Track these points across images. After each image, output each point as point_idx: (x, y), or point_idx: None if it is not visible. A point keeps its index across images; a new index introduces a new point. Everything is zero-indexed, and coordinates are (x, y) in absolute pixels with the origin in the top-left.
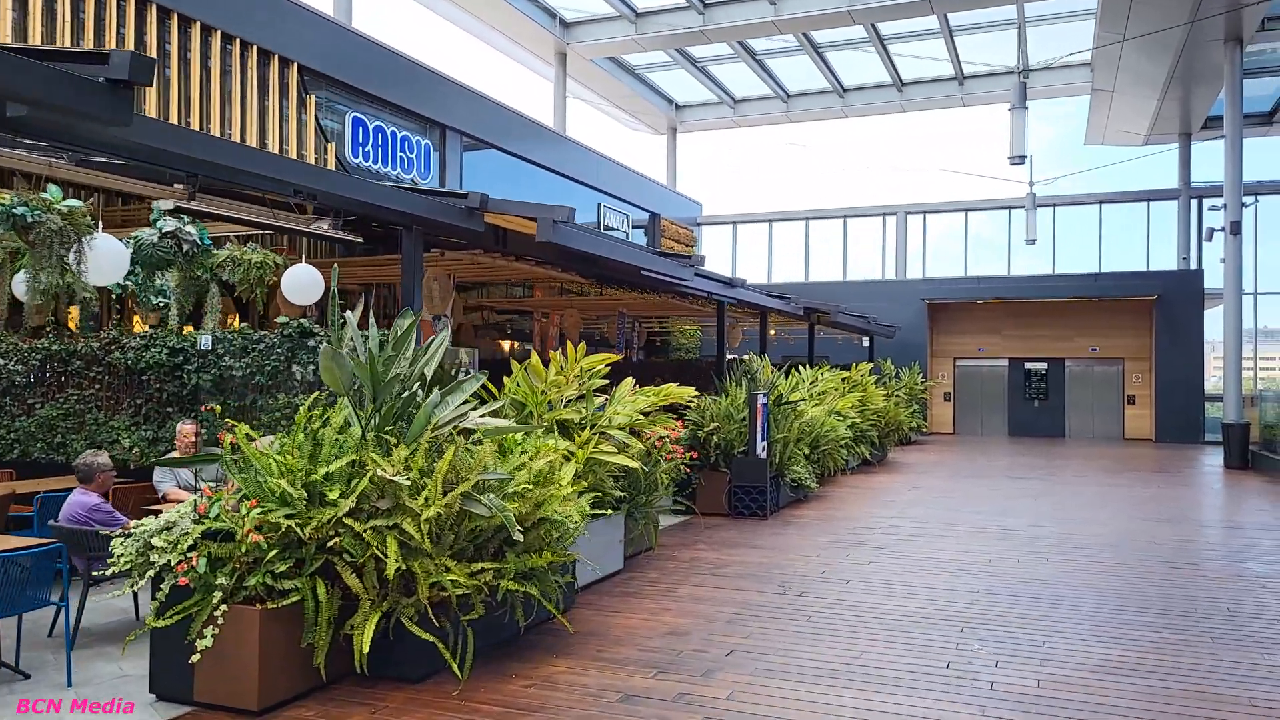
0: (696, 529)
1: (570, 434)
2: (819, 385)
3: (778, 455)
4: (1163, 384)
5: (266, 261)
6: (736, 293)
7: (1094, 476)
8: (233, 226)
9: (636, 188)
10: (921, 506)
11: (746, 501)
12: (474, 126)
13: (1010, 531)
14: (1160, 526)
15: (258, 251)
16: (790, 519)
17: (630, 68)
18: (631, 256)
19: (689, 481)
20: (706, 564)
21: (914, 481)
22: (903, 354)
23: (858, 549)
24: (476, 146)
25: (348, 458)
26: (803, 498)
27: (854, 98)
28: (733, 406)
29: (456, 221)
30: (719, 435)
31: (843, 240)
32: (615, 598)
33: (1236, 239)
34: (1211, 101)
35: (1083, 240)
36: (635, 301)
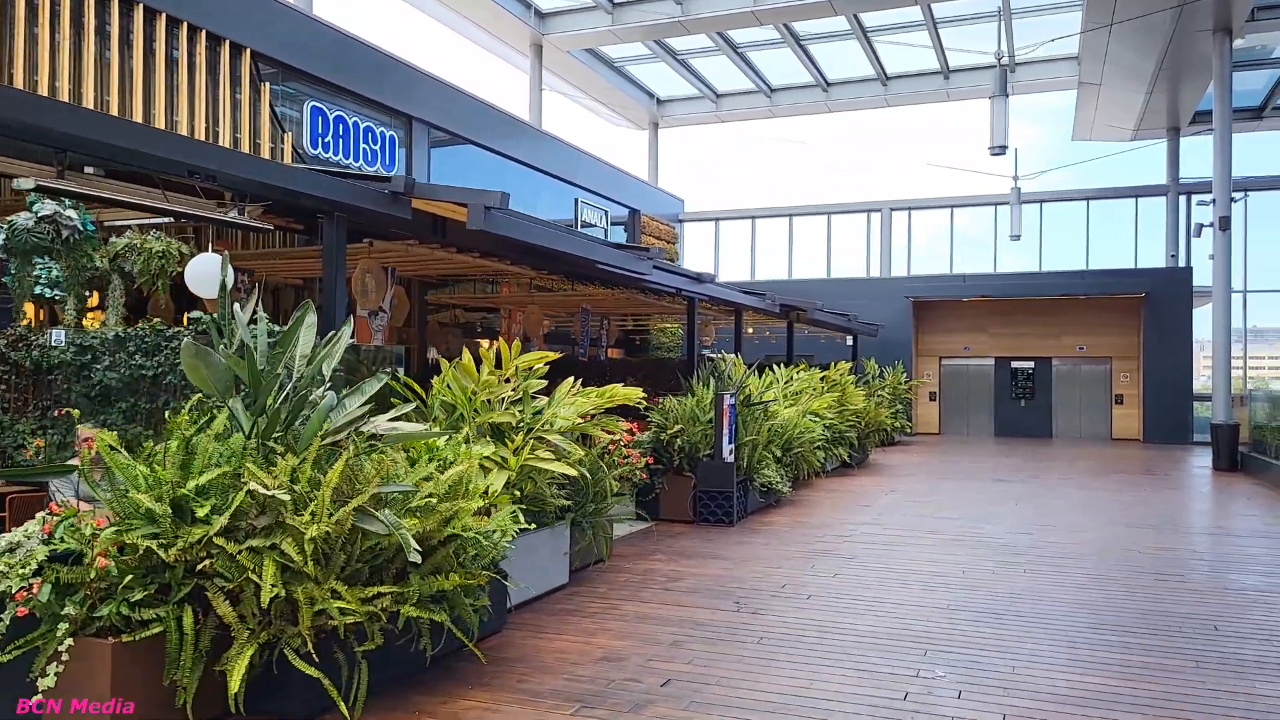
0: (657, 537)
1: (506, 439)
2: (794, 385)
3: (746, 458)
4: (1151, 383)
5: (170, 251)
6: (706, 289)
7: (1079, 479)
8: (126, 212)
9: (616, 183)
10: (898, 512)
11: (712, 508)
12: (443, 119)
13: (988, 539)
14: (1145, 533)
15: (160, 240)
16: (758, 526)
17: (609, 60)
18: (581, 248)
19: (651, 487)
20: (660, 577)
21: (893, 484)
22: (888, 353)
23: (824, 559)
24: (453, 143)
25: (221, 469)
26: (774, 502)
27: (838, 92)
28: (698, 408)
29: (381, 208)
30: (683, 438)
31: (826, 237)
32: (554, 616)
33: (1225, 235)
34: (1200, 95)
35: (1070, 237)
36: (604, 298)
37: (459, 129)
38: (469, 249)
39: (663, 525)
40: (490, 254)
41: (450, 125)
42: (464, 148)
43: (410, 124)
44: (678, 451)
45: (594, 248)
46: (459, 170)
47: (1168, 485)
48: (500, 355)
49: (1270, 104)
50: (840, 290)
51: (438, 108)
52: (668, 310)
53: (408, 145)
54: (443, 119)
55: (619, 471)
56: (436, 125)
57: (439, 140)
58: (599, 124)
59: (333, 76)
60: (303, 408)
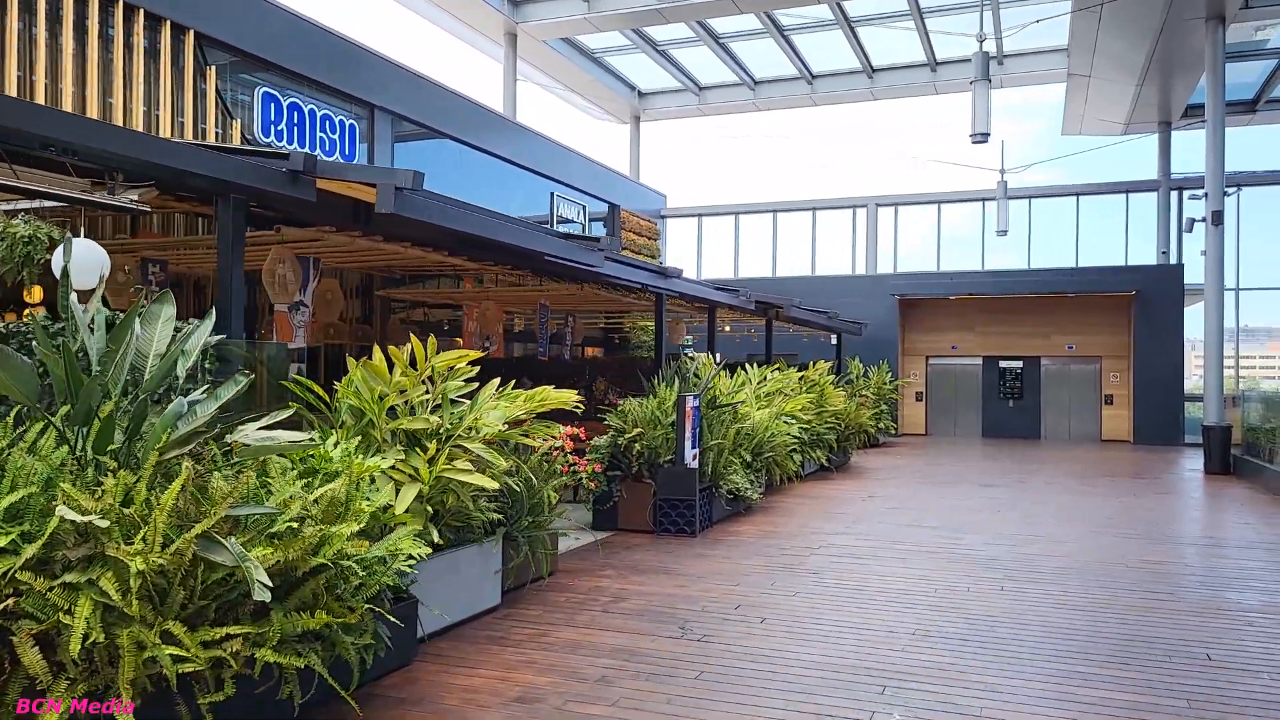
0: (611, 550)
1: (419, 448)
2: (767, 385)
3: (711, 464)
4: (1141, 383)
5: (37, 236)
6: (672, 284)
7: (1066, 483)
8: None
9: (594, 178)
10: (873, 520)
11: (673, 517)
12: (409, 108)
13: (966, 551)
14: (1133, 544)
15: (28, 224)
16: (722, 536)
17: (588, 51)
18: (521, 238)
19: (609, 495)
20: (605, 596)
21: (872, 489)
22: (874, 352)
23: (787, 575)
24: (428, 136)
25: (28, 489)
26: (743, 510)
27: (822, 84)
28: (660, 410)
29: (280, 189)
30: (642, 442)
31: (811, 233)
32: (476, 645)
33: (1218, 230)
34: (1192, 88)
35: (1059, 234)
36: (566, 294)
37: (427, 119)
38: (398, 238)
39: (620, 536)
40: (423, 244)
41: (417, 115)
42: (435, 141)
43: (373, 113)
44: (636, 457)
45: (536, 237)
46: (428, 163)
47: (1158, 490)
48: (414, 354)
49: (1264, 97)
50: (825, 288)
51: (403, 97)
52: (637, 307)
53: (370, 135)
54: (408, 109)
55: (559, 481)
56: (401, 115)
57: (413, 133)
58: (579, 118)
59: (287, 61)
60: (145, 415)
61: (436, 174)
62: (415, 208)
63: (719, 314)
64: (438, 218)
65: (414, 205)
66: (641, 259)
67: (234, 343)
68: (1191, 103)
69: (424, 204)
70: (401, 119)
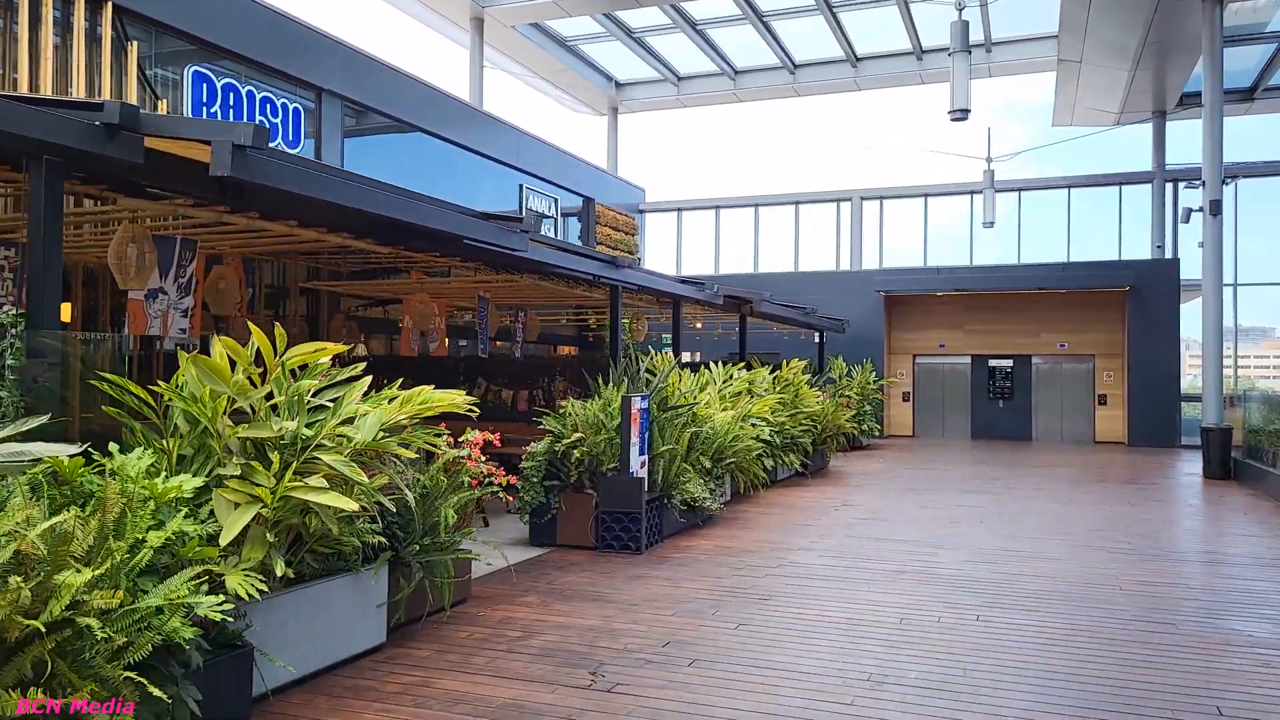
0: (543, 570)
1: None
2: (733, 385)
3: (663, 471)
4: (1136, 383)
5: None
6: (625, 274)
7: (1056, 490)
8: None
9: (568, 170)
10: (842, 533)
11: (616, 531)
12: (361, 93)
13: (941, 571)
14: (1128, 562)
15: None
16: (672, 553)
17: (561, 39)
18: (421, 215)
19: (547, 506)
20: (514, 631)
21: (847, 496)
22: (859, 351)
23: (734, 601)
24: (398, 129)
25: None
26: (700, 522)
27: (805, 74)
28: (604, 412)
29: (96, 147)
30: (583, 448)
31: (794, 228)
32: (333, 700)
33: (1216, 220)
34: (1188, 74)
35: (1050, 228)
36: (508, 287)
37: (382, 105)
38: (277, 214)
39: (558, 553)
40: (314, 224)
41: (371, 101)
42: (404, 133)
43: (320, 97)
44: (575, 465)
45: (437, 214)
46: (386, 152)
47: (1154, 497)
48: (260, 350)
49: (1262, 84)
50: (808, 284)
51: (354, 81)
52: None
53: (317, 120)
54: (362, 94)
55: (464, 496)
56: (353, 100)
57: (381, 125)
58: (556, 110)
59: (222, 39)
60: None
61: (390, 162)
62: (264, 172)
63: (689, 310)
64: (295, 184)
65: (261, 169)
66: (619, 254)
67: (46, 334)
68: (1187, 90)
69: (276, 168)
70: (353, 105)
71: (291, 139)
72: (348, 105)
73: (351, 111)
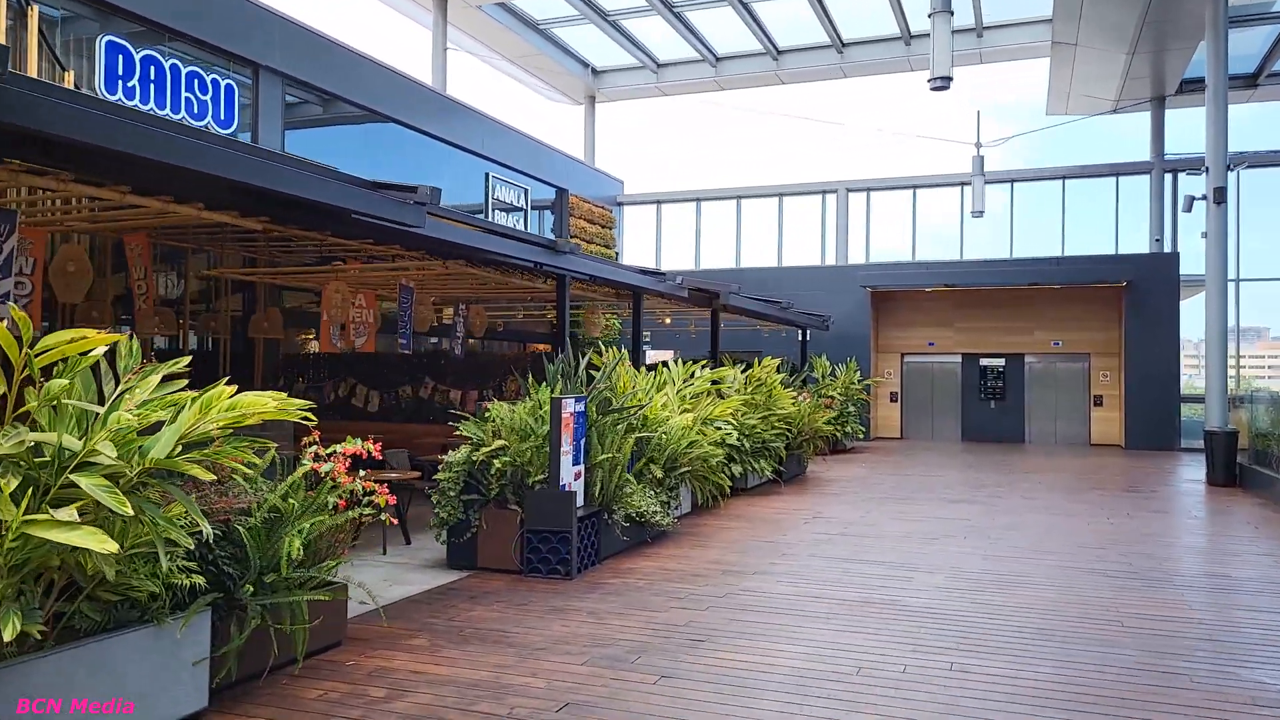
0: (449, 600)
1: None
2: (694, 384)
3: (600, 484)
4: (1133, 383)
5: None
6: (569, 261)
7: (1049, 499)
8: None
9: (541, 160)
10: (808, 552)
11: (544, 553)
12: (306, 70)
13: (912, 602)
14: (1126, 589)
15: None
16: (608, 578)
17: (533, 21)
18: (273, 178)
19: (466, 524)
20: (378, 688)
21: (820, 507)
22: (845, 349)
23: (662, 645)
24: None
25: None
26: (649, 539)
27: (789, 60)
28: (533, 416)
29: None
30: (505, 458)
31: (778, 221)
32: None
33: (1220, 209)
34: (1188, 59)
35: (1043, 221)
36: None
37: (329, 85)
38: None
39: (476, 578)
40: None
41: (316, 79)
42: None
43: (258, 74)
44: (496, 476)
45: (305, 181)
46: (339, 138)
47: (1155, 507)
48: (3, 345)
49: (1266, 70)
50: (792, 280)
51: (297, 57)
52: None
53: (254, 99)
54: (306, 72)
55: (319, 523)
56: (295, 78)
57: (347, 115)
58: (531, 99)
59: (141, 8)
60: None
61: (341, 149)
62: (43, 116)
63: (656, 305)
64: (94, 134)
65: (33, 112)
66: (595, 249)
67: None
68: (1187, 76)
69: (65, 112)
70: (296, 83)
71: (223, 119)
72: (290, 84)
73: (296, 93)
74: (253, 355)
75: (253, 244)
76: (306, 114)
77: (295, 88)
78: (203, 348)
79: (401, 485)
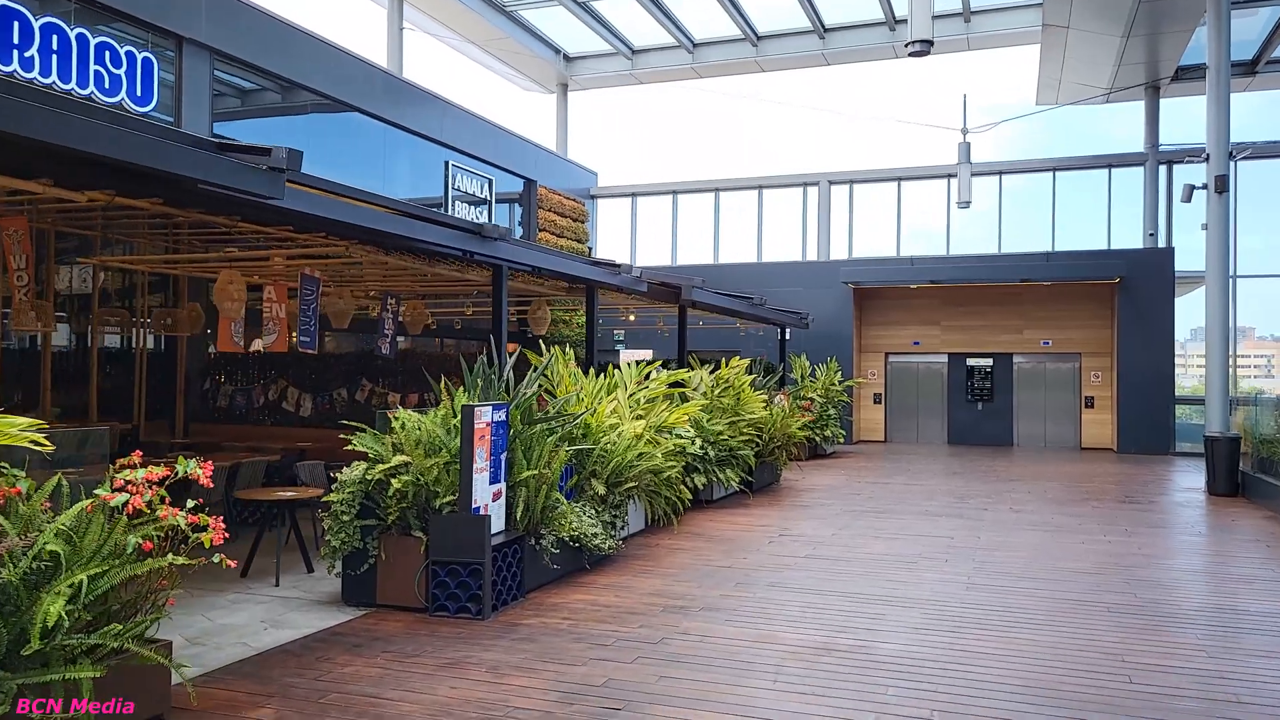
0: (329, 650)
1: None
2: (650, 387)
3: (524, 505)
4: (1126, 384)
5: None
6: (501, 250)
7: (1040, 512)
8: None
9: (506, 149)
10: (764, 581)
11: (452, 589)
12: (238, 45)
13: (880, 649)
14: (1133, 631)
15: None
16: (528, 617)
17: (499, 4)
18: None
19: (364, 554)
20: None
21: (789, 523)
22: (827, 349)
23: (567, 716)
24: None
25: None
26: (588, 564)
27: (770, 46)
28: (444, 427)
29: None
30: (406, 476)
31: (757, 214)
32: None
33: (1222, 199)
34: (1185, 44)
35: (1033, 215)
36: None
37: (265, 62)
38: None
39: (373, 618)
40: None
41: (251, 56)
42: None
43: (181, 47)
44: (395, 499)
45: (114, 138)
46: (279, 125)
47: (1154, 521)
48: None
49: (1266, 56)
50: (772, 276)
51: (228, 29)
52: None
53: (178, 74)
54: (238, 46)
55: (122, 573)
56: (225, 53)
57: (293, 106)
58: (502, 87)
59: None
60: None
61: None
62: None
63: (619, 302)
64: None
65: None
66: (565, 244)
67: None
68: (1184, 63)
69: None
70: (226, 59)
71: (140, 96)
72: (221, 60)
73: (230, 71)
74: (174, 355)
75: (176, 232)
76: (254, 101)
77: (227, 64)
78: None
79: (302, 504)
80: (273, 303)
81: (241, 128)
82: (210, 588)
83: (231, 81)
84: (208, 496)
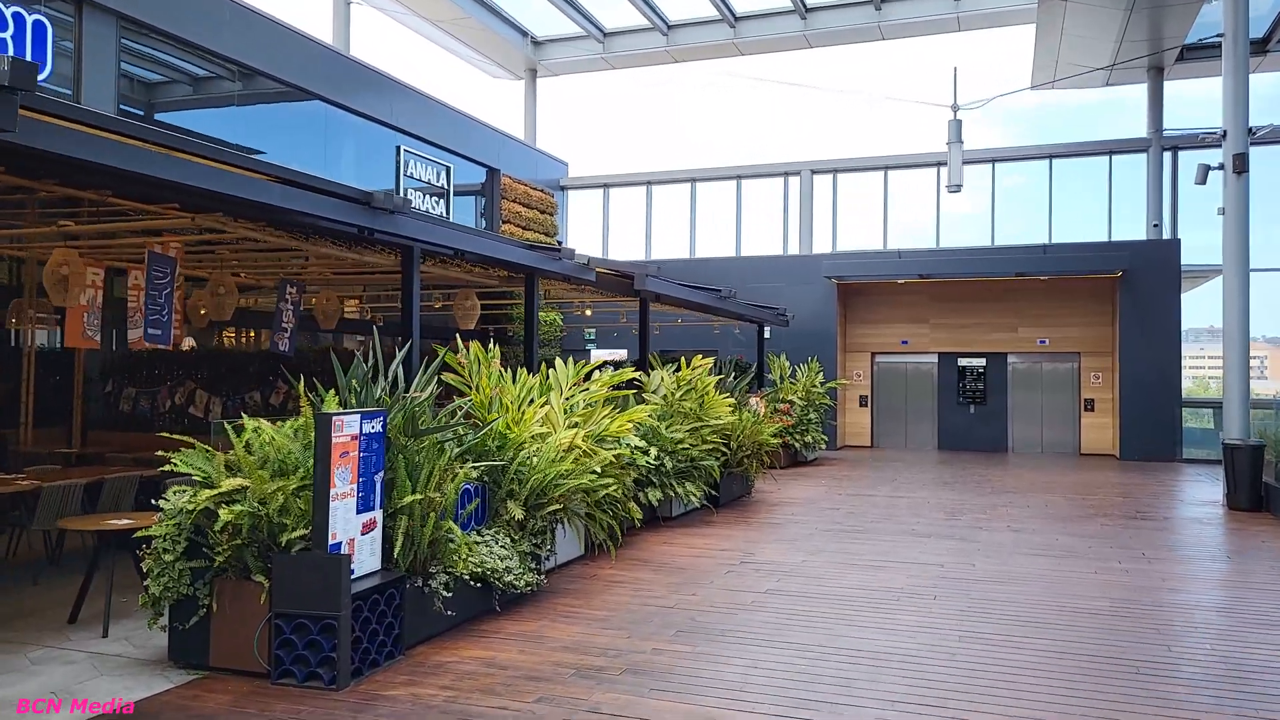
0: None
1: None
2: (591, 390)
3: (404, 538)
4: (1128, 385)
5: None
6: (404, 226)
7: (1039, 533)
8: None
9: (467, 135)
10: (714, 629)
11: (300, 649)
12: (150, 11)
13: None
14: (1163, 701)
15: None
16: (397, 687)
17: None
18: None
19: (194, 603)
20: None
21: (754, 546)
22: (810, 347)
23: None
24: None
25: None
26: (499, 607)
27: (748, 27)
28: (301, 441)
29: None
30: (241, 505)
31: (736, 206)
32: None
33: (1241, 180)
34: (1190, 21)
35: (1029, 205)
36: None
37: (184, 31)
38: None
39: (204, 685)
40: None
41: (165, 23)
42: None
43: (81, 9)
44: (226, 533)
45: None
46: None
47: (1171, 543)
48: None
49: (1277, 35)
50: (752, 270)
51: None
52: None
53: (78, 38)
54: (151, 12)
55: None
56: (132, 17)
57: (258, 93)
58: (467, 72)
59: None
60: None
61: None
62: None
63: (571, 293)
64: None
65: None
66: (532, 236)
67: None
68: (1189, 42)
69: None
70: (136, 25)
71: (34, 58)
72: (129, 26)
73: (140, 40)
74: (72, 354)
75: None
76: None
77: (137, 31)
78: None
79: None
80: (139, 290)
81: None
82: (26, 639)
83: (184, 69)
84: (25, 525)
